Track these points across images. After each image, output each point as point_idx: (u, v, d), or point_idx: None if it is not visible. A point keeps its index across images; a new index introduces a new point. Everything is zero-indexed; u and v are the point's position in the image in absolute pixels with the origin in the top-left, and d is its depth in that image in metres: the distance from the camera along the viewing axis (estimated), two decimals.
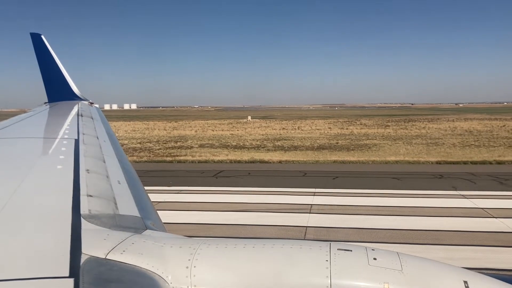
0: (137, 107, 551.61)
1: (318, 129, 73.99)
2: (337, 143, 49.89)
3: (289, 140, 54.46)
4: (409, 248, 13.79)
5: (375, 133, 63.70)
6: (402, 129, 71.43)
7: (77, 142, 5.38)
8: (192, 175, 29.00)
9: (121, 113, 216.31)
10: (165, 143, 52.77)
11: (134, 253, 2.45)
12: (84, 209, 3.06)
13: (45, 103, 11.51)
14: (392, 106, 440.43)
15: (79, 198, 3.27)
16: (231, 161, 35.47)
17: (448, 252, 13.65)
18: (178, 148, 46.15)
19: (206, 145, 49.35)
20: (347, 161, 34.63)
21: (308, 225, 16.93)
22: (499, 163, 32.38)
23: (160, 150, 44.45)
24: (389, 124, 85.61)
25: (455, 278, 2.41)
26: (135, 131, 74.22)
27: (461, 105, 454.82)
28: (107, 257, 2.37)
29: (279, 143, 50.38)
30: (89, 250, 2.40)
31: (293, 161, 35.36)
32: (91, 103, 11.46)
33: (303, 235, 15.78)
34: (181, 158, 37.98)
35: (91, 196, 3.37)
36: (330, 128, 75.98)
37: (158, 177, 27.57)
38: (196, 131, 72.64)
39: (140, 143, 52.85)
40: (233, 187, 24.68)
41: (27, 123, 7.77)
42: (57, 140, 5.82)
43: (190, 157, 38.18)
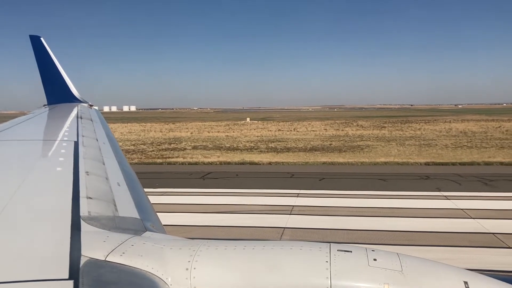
0: (136, 109, 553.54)
1: (313, 130, 74.10)
2: (331, 144, 49.97)
3: (283, 141, 54.58)
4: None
5: (370, 134, 63.75)
6: (397, 130, 71.45)
7: (76, 144, 5.38)
8: (180, 176, 29.14)
9: (120, 115, 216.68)
10: (159, 145, 52.90)
11: (133, 255, 2.45)
12: (83, 211, 3.07)
13: (44, 105, 11.45)
14: (392, 108, 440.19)
15: (79, 200, 3.28)
16: (221, 163, 35.59)
17: (419, 253, 13.66)
18: (172, 150, 46.28)
19: (200, 146, 49.47)
20: (336, 163, 34.72)
21: (286, 226, 17.04)
22: (487, 164, 32.45)
23: (153, 152, 44.58)
24: (385, 125, 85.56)
25: (455, 278, 2.41)
26: (131, 133, 74.37)
27: (460, 106, 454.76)
28: (106, 259, 2.38)
29: (272, 144, 50.48)
30: (88, 252, 2.41)
31: (283, 162, 35.47)
32: (91, 105, 11.43)
33: (279, 236, 15.90)
34: (172, 160, 38.10)
35: (90, 198, 3.37)
36: (325, 129, 76.04)
37: (145, 179, 27.61)
38: (191, 132, 72.77)
39: (134, 145, 52.96)
40: (218, 188, 24.76)
41: (26, 125, 7.76)
42: (57, 142, 5.83)
43: (181, 159, 38.32)
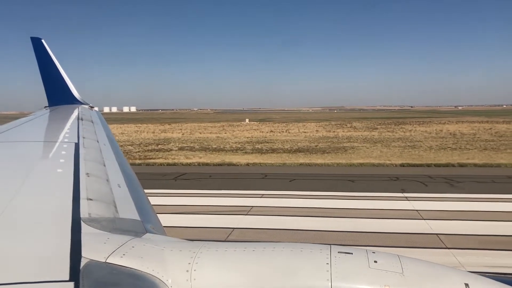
0: (136, 109, 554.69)
1: (305, 132, 74.28)
2: (316, 146, 50.16)
3: (271, 142, 54.83)
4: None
5: (359, 136, 63.88)
6: (388, 131, 71.53)
7: (77, 146, 5.38)
8: (153, 177, 29.39)
9: (120, 116, 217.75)
10: (146, 146, 53.29)
11: (134, 257, 2.45)
12: (84, 213, 3.07)
13: (45, 107, 11.44)
14: (391, 109, 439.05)
15: (79, 201, 3.28)
16: (199, 164, 35.91)
17: None
18: (157, 151, 46.63)
19: (186, 147, 49.82)
20: (313, 164, 34.93)
21: (237, 227, 17.29)
22: (461, 165, 32.53)
23: (137, 153, 44.94)
24: (378, 127, 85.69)
25: (456, 280, 2.40)
26: (123, 134, 74.84)
27: (460, 107, 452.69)
28: (107, 261, 2.38)
29: (259, 146, 50.74)
30: (89, 253, 2.41)
31: (260, 163, 35.73)
32: (91, 107, 11.48)
33: (226, 236, 16.14)
34: (152, 161, 38.51)
35: (91, 199, 3.37)
36: (317, 130, 76.28)
37: None
38: (183, 133, 73.21)
39: (121, 146, 53.22)
40: (186, 189, 25.05)
41: (27, 126, 7.81)
42: (57, 143, 5.81)
43: (161, 160, 38.69)
